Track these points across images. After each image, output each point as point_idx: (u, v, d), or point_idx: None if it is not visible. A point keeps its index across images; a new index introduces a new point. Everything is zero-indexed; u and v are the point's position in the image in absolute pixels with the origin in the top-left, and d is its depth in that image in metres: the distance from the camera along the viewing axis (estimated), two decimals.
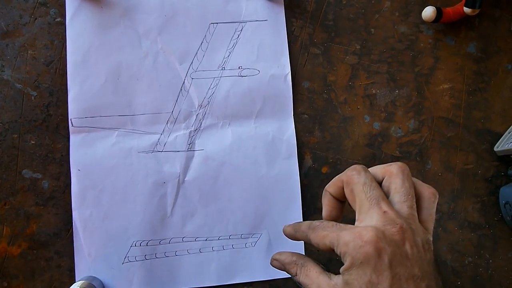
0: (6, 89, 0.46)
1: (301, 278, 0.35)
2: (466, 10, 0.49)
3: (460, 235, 0.51)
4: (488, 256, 0.51)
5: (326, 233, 0.34)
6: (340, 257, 0.32)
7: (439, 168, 0.51)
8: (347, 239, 0.32)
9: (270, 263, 0.39)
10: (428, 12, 0.50)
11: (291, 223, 0.39)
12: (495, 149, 0.51)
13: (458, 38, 0.52)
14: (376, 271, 0.30)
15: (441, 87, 0.52)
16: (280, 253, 0.39)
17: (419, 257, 0.32)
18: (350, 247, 0.31)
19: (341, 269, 0.32)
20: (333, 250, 0.33)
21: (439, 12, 0.50)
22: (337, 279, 0.33)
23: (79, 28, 0.46)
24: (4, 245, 0.45)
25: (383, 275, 0.30)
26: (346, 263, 0.32)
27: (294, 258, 0.37)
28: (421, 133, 0.51)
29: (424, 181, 0.49)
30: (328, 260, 0.49)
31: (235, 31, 0.49)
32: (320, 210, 0.49)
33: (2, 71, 0.46)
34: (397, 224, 0.31)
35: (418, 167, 0.51)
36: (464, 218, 0.51)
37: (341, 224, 0.34)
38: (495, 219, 0.51)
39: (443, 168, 0.51)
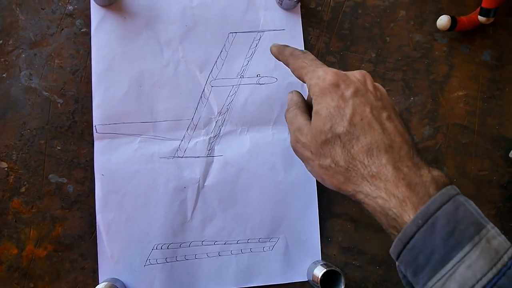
0: (34, 97, 0.48)
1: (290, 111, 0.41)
2: (481, 18, 0.50)
3: None
4: None
5: (305, 65, 0.39)
6: (311, 96, 0.37)
7: (454, 175, 0.52)
8: (320, 74, 0.37)
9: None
10: (443, 20, 0.50)
11: (278, 44, 0.44)
12: (510, 155, 0.52)
13: (473, 46, 0.53)
14: (343, 98, 0.35)
15: (455, 94, 0.53)
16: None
17: (381, 95, 0.37)
18: (321, 80, 0.36)
19: (313, 102, 0.37)
20: (303, 81, 0.39)
21: (453, 20, 0.50)
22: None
23: (103, 38, 0.48)
24: (31, 247, 0.47)
25: (348, 102, 0.35)
26: (316, 94, 0.36)
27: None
28: (436, 140, 0.52)
29: None
30: (345, 264, 0.50)
31: (254, 40, 0.51)
32: (336, 214, 0.50)
33: (30, 79, 0.48)
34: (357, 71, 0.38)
35: None
36: None
37: (318, 61, 0.40)
38: (510, 224, 0.52)
39: (458, 174, 0.52)
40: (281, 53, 0.43)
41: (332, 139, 0.35)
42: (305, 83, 0.39)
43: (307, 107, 0.41)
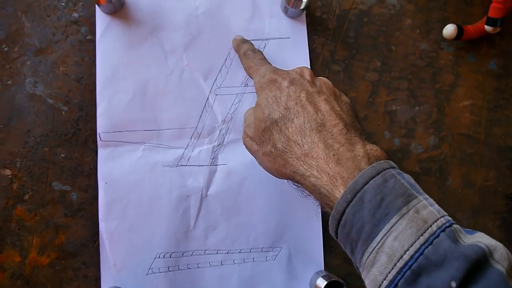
0: (38, 104, 0.48)
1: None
2: (487, 28, 0.50)
3: None
4: None
5: (252, 64, 0.44)
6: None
7: (459, 185, 0.52)
8: (261, 71, 0.41)
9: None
10: (450, 29, 0.50)
11: (241, 38, 0.49)
12: None
13: (479, 55, 0.53)
14: (280, 89, 0.38)
15: (461, 103, 0.52)
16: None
17: (321, 84, 0.39)
18: (261, 76, 0.40)
19: (257, 97, 0.40)
20: (252, 78, 0.43)
21: (460, 29, 0.50)
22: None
23: (108, 46, 0.48)
24: (34, 255, 0.47)
25: (284, 90, 0.38)
26: (257, 89, 0.40)
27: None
28: (441, 150, 0.52)
29: (444, 197, 0.50)
30: (348, 274, 0.50)
31: (258, 48, 0.50)
32: None
33: (35, 86, 0.48)
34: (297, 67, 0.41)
35: (438, 183, 0.51)
36: None
37: (265, 60, 0.44)
38: None
39: (463, 184, 0.52)
40: (238, 50, 0.48)
41: (271, 126, 0.37)
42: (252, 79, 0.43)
43: None
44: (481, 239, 0.29)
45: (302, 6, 0.48)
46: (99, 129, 0.48)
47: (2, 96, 0.47)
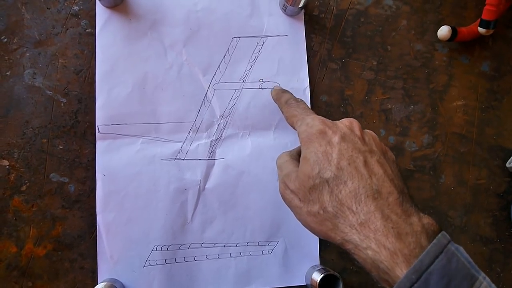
0: (37, 96, 0.48)
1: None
2: (481, 30, 0.51)
3: (472, 249, 0.52)
4: (499, 270, 0.52)
5: (296, 113, 0.41)
6: (300, 143, 0.38)
7: (452, 183, 0.53)
8: (308, 121, 0.38)
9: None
10: (444, 31, 0.51)
11: (281, 88, 0.48)
12: (507, 165, 0.52)
13: (472, 57, 0.54)
14: (330, 144, 0.35)
15: (454, 103, 0.54)
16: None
17: (370, 139, 0.37)
18: (309, 127, 0.37)
19: (301, 148, 0.37)
20: (294, 128, 0.40)
21: (454, 31, 0.51)
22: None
23: (108, 39, 0.48)
24: (30, 246, 0.47)
25: (335, 147, 0.35)
26: (304, 141, 0.37)
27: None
28: (434, 148, 0.53)
29: (437, 195, 0.51)
30: (343, 269, 0.51)
31: (257, 45, 0.51)
32: None
33: (34, 78, 0.48)
34: (345, 119, 0.39)
35: (431, 181, 0.52)
36: (476, 232, 0.52)
37: (309, 110, 0.41)
38: (506, 233, 0.52)
39: (456, 182, 0.53)
40: (278, 99, 0.46)
41: (320, 185, 0.34)
42: (296, 130, 0.40)
43: (298, 154, 0.41)
44: None
45: (301, 5, 0.49)
46: (98, 122, 0.48)
47: (0, 87, 0.47)
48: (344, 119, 0.38)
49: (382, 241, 0.31)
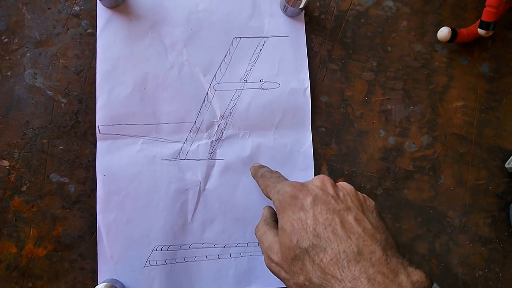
0: (37, 96, 0.48)
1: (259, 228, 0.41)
2: (480, 31, 0.51)
3: (471, 249, 0.52)
4: (498, 270, 0.52)
5: (269, 183, 0.41)
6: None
7: (451, 183, 0.53)
8: (278, 188, 0.38)
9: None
10: (444, 32, 0.51)
11: (259, 164, 0.48)
12: (506, 165, 0.52)
13: (472, 58, 0.54)
14: (303, 209, 0.35)
15: (454, 104, 0.54)
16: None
17: (345, 195, 0.36)
18: (280, 194, 0.37)
19: (278, 216, 0.37)
20: (269, 198, 0.40)
21: (454, 32, 0.51)
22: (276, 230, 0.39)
23: (109, 39, 0.48)
24: (30, 246, 0.47)
25: (309, 212, 0.34)
26: (278, 209, 0.37)
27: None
28: (434, 149, 0.53)
29: (436, 195, 0.51)
30: None
31: (257, 45, 0.51)
32: None
33: (34, 78, 0.48)
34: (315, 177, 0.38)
35: (431, 182, 0.52)
36: (475, 232, 0.52)
37: (282, 178, 0.42)
38: (505, 234, 0.52)
39: (455, 183, 0.53)
40: (255, 174, 0.46)
41: (301, 255, 0.33)
42: (271, 200, 0.39)
43: (274, 219, 0.41)
44: None
45: (301, 6, 0.49)
46: (98, 122, 0.48)
47: (1, 87, 0.47)
48: (315, 177, 0.38)
49: None
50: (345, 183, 0.38)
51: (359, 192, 0.37)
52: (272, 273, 0.38)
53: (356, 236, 0.33)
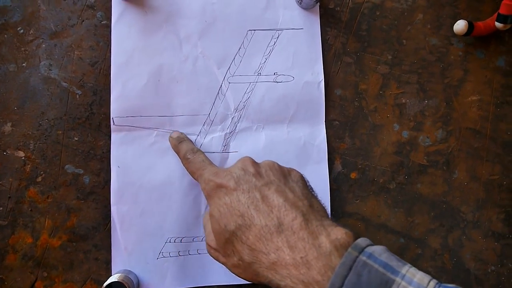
0: (52, 87, 0.48)
1: None
2: (498, 25, 0.51)
3: (484, 244, 0.52)
4: (510, 265, 0.52)
5: (194, 170, 0.42)
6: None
7: (465, 178, 0.52)
8: (205, 177, 0.39)
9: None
10: (460, 25, 0.51)
11: (178, 135, 0.47)
12: None
13: (488, 52, 0.54)
14: (227, 193, 0.36)
15: (469, 99, 0.53)
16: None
17: (267, 170, 0.38)
18: (206, 183, 0.38)
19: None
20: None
21: (470, 26, 0.51)
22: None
23: (123, 31, 0.48)
24: (45, 236, 0.47)
25: (232, 194, 0.36)
26: (207, 198, 0.39)
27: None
28: (448, 143, 0.53)
29: (450, 190, 0.51)
30: None
31: (272, 38, 0.51)
32: (347, 214, 0.51)
33: (49, 69, 0.48)
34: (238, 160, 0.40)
35: (444, 176, 0.52)
36: (488, 228, 0.52)
37: (205, 162, 0.42)
38: None
39: (469, 178, 0.53)
40: (177, 152, 0.46)
41: (230, 237, 0.35)
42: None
43: None
44: None
45: None
46: (113, 114, 0.48)
47: (16, 78, 0.47)
48: (238, 160, 0.39)
49: (295, 274, 0.31)
50: (267, 160, 0.39)
51: (284, 166, 0.39)
52: (214, 259, 0.39)
53: (277, 208, 0.34)
